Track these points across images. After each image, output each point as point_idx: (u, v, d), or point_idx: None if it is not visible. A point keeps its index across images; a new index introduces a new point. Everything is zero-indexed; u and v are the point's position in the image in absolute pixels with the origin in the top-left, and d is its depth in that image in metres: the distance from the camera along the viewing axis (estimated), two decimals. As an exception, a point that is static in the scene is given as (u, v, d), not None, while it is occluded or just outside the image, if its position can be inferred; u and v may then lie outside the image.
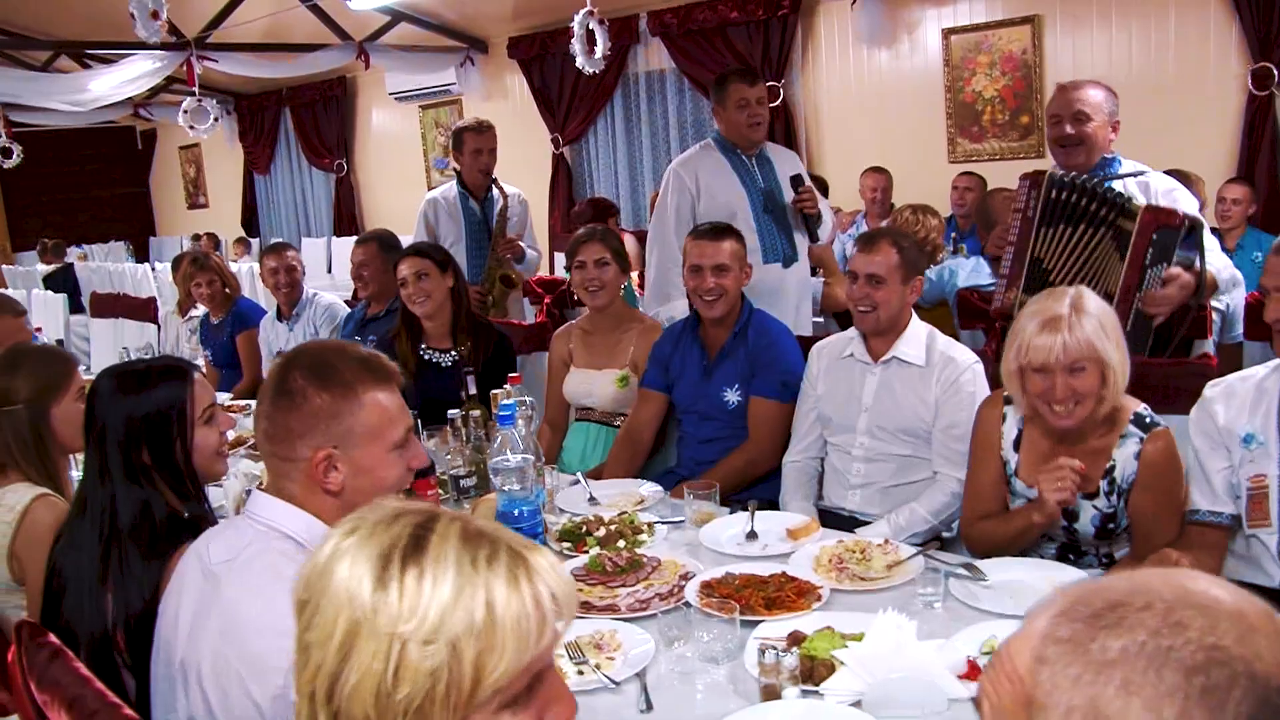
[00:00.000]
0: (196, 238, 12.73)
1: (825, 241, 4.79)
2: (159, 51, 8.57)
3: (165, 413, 2.14)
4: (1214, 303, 4.19)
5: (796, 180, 4.31)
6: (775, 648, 1.91)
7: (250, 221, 14.00)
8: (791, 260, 4.35)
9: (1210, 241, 3.30)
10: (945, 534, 3.04)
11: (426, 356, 3.99)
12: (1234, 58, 6.39)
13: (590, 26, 5.23)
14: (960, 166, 7.27)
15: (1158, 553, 2.34)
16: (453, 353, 3.96)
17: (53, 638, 1.84)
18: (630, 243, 7.37)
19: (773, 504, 3.14)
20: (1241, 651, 0.77)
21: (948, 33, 7.44)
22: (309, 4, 9.11)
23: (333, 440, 1.76)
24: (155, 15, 6.35)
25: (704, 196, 4.30)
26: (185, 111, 9.02)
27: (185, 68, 8.78)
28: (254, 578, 1.69)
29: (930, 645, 2.01)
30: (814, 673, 1.90)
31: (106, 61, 9.88)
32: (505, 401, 2.81)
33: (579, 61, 5.39)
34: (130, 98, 10.68)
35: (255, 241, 12.86)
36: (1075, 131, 3.39)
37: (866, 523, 2.99)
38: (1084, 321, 2.40)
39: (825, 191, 7.89)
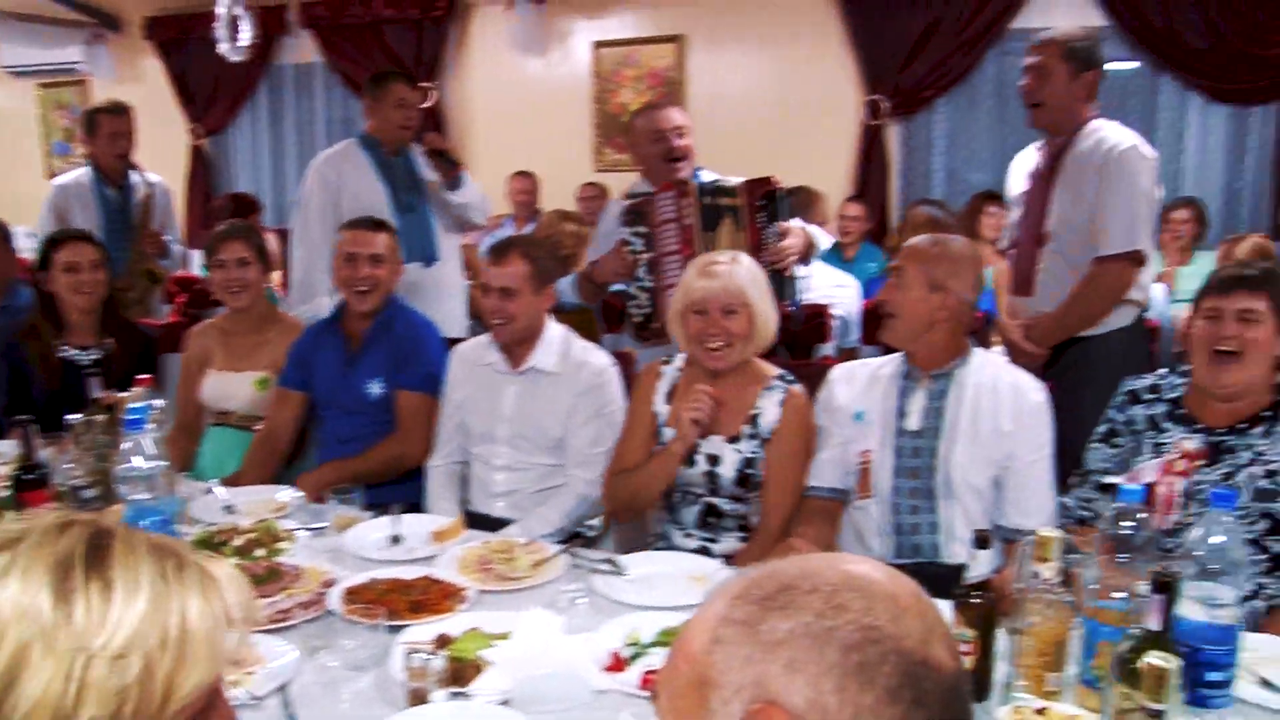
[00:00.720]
0: None
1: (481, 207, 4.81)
2: None
3: None
4: (833, 310, 4.56)
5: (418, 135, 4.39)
6: (421, 651, 1.90)
7: None
8: (432, 259, 4.33)
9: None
10: (590, 533, 3.13)
11: (66, 355, 3.67)
12: (851, 88, 6.98)
13: (235, 12, 4.98)
14: (605, 175, 7.52)
15: (784, 543, 2.53)
16: (93, 351, 3.66)
17: None
18: (272, 240, 7.10)
19: (417, 507, 3.10)
20: (894, 630, 0.86)
21: (598, 45, 7.67)
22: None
23: None
24: None
25: (346, 194, 4.22)
26: None
27: None
28: None
29: (576, 640, 2.06)
30: (462, 674, 1.90)
31: None
32: (134, 405, 2.62)
33: (222, 48, 5.12)
34: None
35: None
36: (683, 145, 3.60)
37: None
38: (738, 271, 2.75)
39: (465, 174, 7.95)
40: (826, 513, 2.72)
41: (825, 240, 6.06)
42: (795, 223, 3.56)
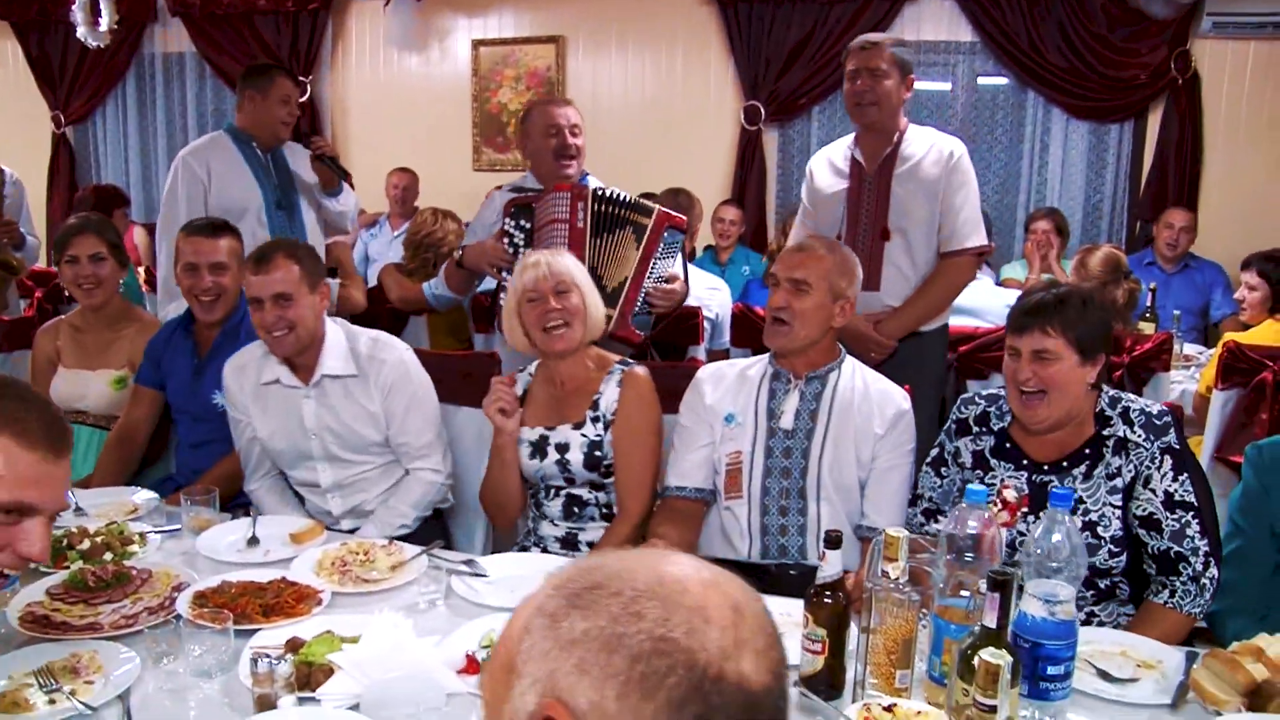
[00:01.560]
0: None
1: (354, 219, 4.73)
2: None
3: None
4: (705, 312, 4.61)
5: (305, 138, 4.34)
6: (269, 656, 1.86)
7: None
8: None
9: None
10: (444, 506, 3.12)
11: None
12: (730, 94, 7.07)
13: (94, -7, 4.81)
14: (484, 175, 7.46)
15: (648, 542, 2.55)
16: None
17: None
18: (140, 235, 6.89)
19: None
20: (687, 643, 0.86)
21: (477, 44, 7.62)
22: None
23: None
24: None
25: (215, 189, 4.11)
26: None
27: None
28: None
29: (428, 642, 2.04)
30: (311, 679, 1.87)
31: None
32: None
33: (80, 32, 4.93)
34: None
35: None
36: (575, 144, 3.63)
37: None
38: (560, 257, 2.84)
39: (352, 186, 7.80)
40: (689, 514, 2.76)
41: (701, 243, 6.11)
42: (678, 270, 3.56)
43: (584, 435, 2.79)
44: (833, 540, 1.91)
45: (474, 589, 2.34)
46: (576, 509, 2.84)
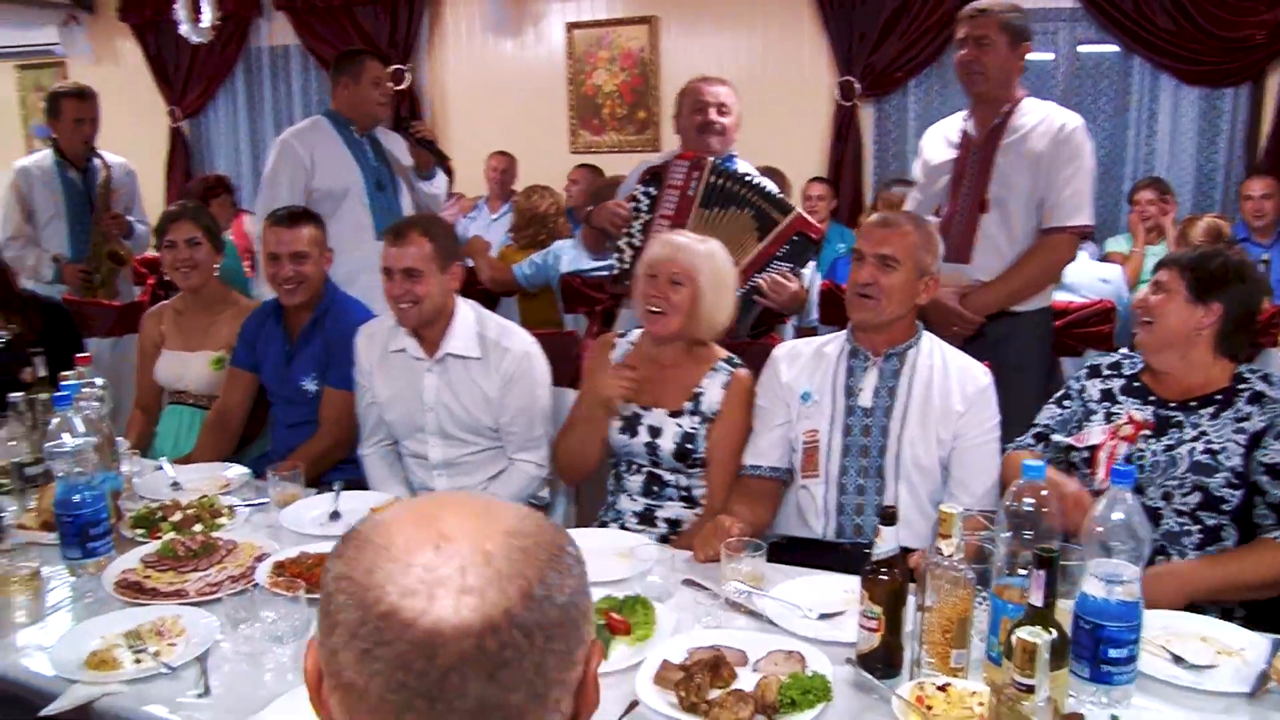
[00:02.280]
0: None
1: (445, 203, 4.84)
2: None
3: None
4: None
5: (405, 121, 4.46)
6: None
7: None
8: None
9: None
10: (538, 503, 3.17)
11: None
12: (824, 69, 7.00)
13: (198, -8, 4.99)
14: (581, 157, 7.52)
15: (715, 518, 2.56)
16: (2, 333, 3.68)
17: None
18: (250, 222, 7.12)
19: (361, 484, 3.09)
20: (364, 580, 0.85)
21: (571, 26, 7.67)
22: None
23: None
24: None
25: (318, 171, 4.22)
26: None
27: None
28: None
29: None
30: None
31: None
32: (66, 382, 2.65)
33: (183, 30, 5.11)
34: None
35: None
36: (720, 122, 3.65)
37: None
38: (699, 249, 2.80)
39: (450, 175, 7.92)
40: (763, 493, 2.74)
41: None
42: (806, 276, 3.61)
43: (679, 425, 2.80)
44: (888, 516, 1.90)
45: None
46: (657, 488, 2.87)
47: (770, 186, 3.56)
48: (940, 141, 3.62)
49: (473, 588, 0.84)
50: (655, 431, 2.81)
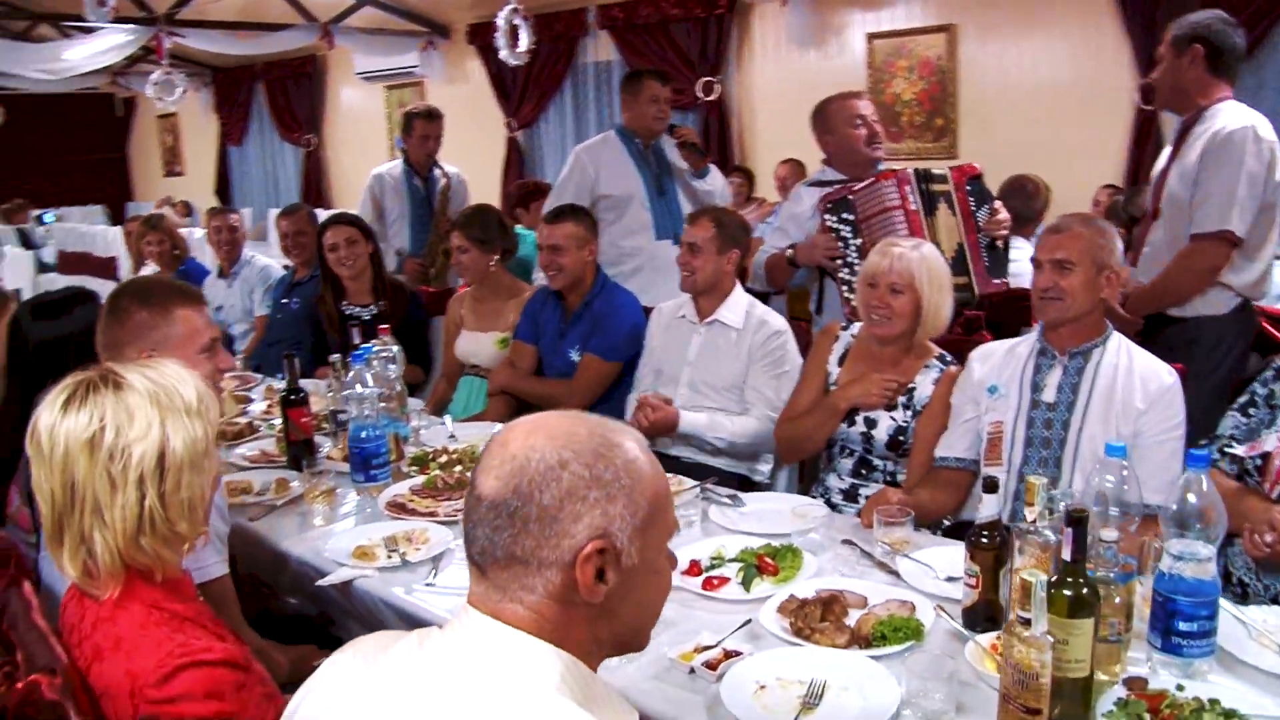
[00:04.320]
0: (164, 202, 13.05)
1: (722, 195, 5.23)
2: (130, 25, 8.95)
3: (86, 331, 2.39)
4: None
5: (671, 128, 4.86)
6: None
7: (224, 190, 14.34)
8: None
9: None
10: (758, 479, 3.53)
11: (349, 312, 4.48)
12: (1125, 73, 6.85)
13: (514, 22, 5.65)
14: (882, 165, 7.68)
15: (881, 490, 2.83)
16: (372, 308, 4.45)
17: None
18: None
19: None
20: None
21: (871, 37, 7.90)
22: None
23: (151, 345, 2.25)
24: (102, 2, 6.63)
25: (603, 180, 4.78)
26: (154, 83, 9.42)
27: (155, 41, 9.17)
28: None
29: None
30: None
31: (88, 30, 10.21)
32: (363, 345, 3.29)
33: (502, 54, 5.79)
34: (108, 67, 10.92)
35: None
36: (881, 130, 3.99)
37: (690, 467, 3.36)
38: (913, 256, 3.03)
39: (752, 183, 8.34)
40: (948, 481, 2.93)
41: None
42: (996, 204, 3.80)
43: (893, 419, 3.06)
44: (990, 485, 2.11)
45: (727, 516, 2.74)
46: (865, 470, 3.14)
47: (924, 168, 3.76)
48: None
49: (493, 468, 1.29)
50: (870, 423, 3.08)
